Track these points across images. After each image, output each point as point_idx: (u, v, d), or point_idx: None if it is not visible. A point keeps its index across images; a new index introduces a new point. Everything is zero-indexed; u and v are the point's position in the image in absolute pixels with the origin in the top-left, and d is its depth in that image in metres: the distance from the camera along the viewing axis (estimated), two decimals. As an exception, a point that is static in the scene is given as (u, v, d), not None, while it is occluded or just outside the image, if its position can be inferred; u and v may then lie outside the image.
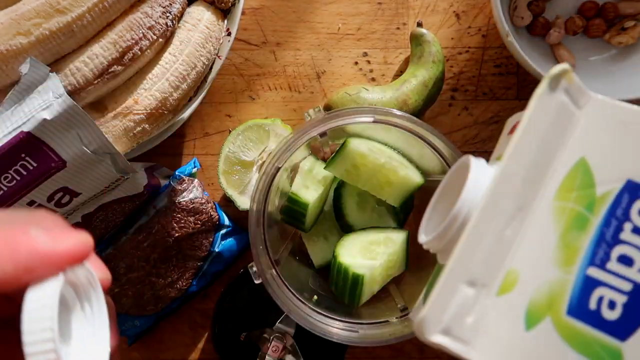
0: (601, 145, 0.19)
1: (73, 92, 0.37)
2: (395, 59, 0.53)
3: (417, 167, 0.44)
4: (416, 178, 0.43)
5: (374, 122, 0.40)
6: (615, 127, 0.18)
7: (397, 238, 0.43)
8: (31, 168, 0.33)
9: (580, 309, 0.17)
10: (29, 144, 0.32)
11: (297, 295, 0.40)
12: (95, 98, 0.39)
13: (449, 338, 0.18)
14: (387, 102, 0.47)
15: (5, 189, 0.32)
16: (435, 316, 0.18)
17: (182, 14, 0.42)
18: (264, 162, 0.49)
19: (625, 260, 0.17)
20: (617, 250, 0.17)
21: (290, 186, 0.44)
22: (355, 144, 0.41)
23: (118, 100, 0.39)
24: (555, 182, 0.19)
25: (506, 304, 0.18)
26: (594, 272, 0.17)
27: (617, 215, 0.18)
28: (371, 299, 0.42)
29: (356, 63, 0.53)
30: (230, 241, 0.49)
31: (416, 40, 0.49)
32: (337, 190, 0.46)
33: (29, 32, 0.34)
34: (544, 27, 0.50)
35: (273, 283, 0.40)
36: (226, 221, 0.49)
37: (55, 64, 0.37)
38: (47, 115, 0.32)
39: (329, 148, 0.47)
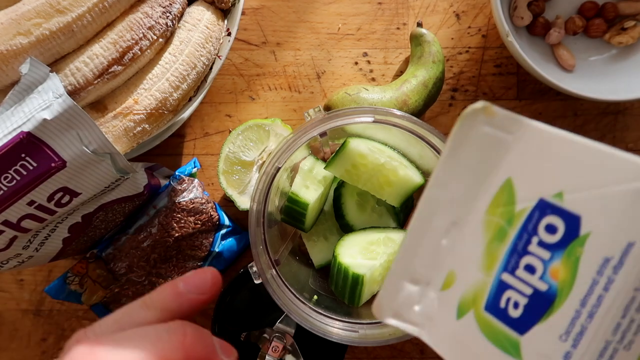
0: (526, 167, 0.21)
1: (73, 92, 0.37)
2: (395, 59, 0.53)
3: (417, 167, 0.44)
4: (416, 178, 0.43)
5: (374, 122, 0.40)
6: (539, 150, 0.21)
7: (397, 238, 0.43)
8: (31, 168, 0.33)
9: (493, 306, 0.21)
10: (29, 144, 0.32)
11: (297, 295, 0.40)
12: (95, 98, 0.39)
13: (400, 321, 0.23)
14: (387, 102, 0.47)
15: (5, 189, 0.32)
16: (386, 304, 0.24)
17: (182, 14, 0.42)
18: (264, 162, 0.49)
19: (530, 269, 0.20)
20: (525, 260, 0.20)
21: (290, 186, 0.44)
22: (355, 144, 0.41)
23: (118, 100, 0.39)
24: (487, 199, 0.22)
25: (446, 297, 0.23)
26: (506, 277, 0.21)
27: (528, 229, 0.20)
28: (371, 298, 0.42)
29: (356, 63, 0.53)
30: (230, 241, 0.49)
31: (416, 40, 0.49)
32: (337, 190, 0.46)
33: (29, 32, 0.35)
34: (544, 27, 0.50)
35: (273, 283, 0.40)
36: (226, 221, 0.49)
37: (56, 64, 0.37)
38: (47, 115, 0.32)
39: (329, 148, 0.47)
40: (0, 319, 0.52)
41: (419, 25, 0.50)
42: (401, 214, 0.47)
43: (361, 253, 0.41)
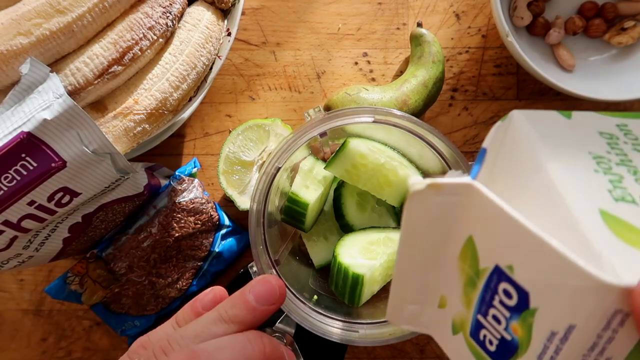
0: (483, 230, 0.22)
1: (73, 92, 0.37)
2: (395, 59, 0.53)
3: (417, 167, 0.44)
4: (416, 178, 0.42)
5: (374, 122, 0.40)
6: (490, 218, 0.21)
7: (397, 238, 0.43)
8: (31, 168, 0.33)
9: (475, 336, 0.23)
10: (29, 144, 0.32)
11: (297, 295, 0.40)
12: (95, 98, 0.39)
13: (411, 325, 0.27)
14: (387, 102, 0.47)
15: (5, 189, 0.32)
16: (396, 317, 0.27)
17: (182, 14, 0.42)
18: (264, 162, 0.49)
19: (496, 319, 0.22)
20: (492, 311, 0.22)
21: (290, 186, 0.44)
22: (355, 144, 0.41)
23: (118, 100, 0.39)
24: (456, 249, 0.23)
25: (442, 315, 0.25)
26: (480, 319, 0.23)
27: (490, 287, 0.22)
28: (371, 299, 0.42)
29: (356, 63, 0.53)
30: (230, 241, 0.49)
31: (416, 40, 0.49)
32: (337, 190, 0.46)
33: (30, 32, 0.35)
34: (544, 27, 0.50)
35: (273, 283, 0.40)
36: (226, 221, 0.49)
37: (56, 64, 0.37)
38: (48, 115, 0.32)
39: (329, 148, 0.47)
40: (0, 319, 0.52)
41: (419, 25, 0.50)
42: (401, 214, 0.47)
43: (361, 253, 0.41)
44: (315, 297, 0.43)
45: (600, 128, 0.25)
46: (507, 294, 0.21)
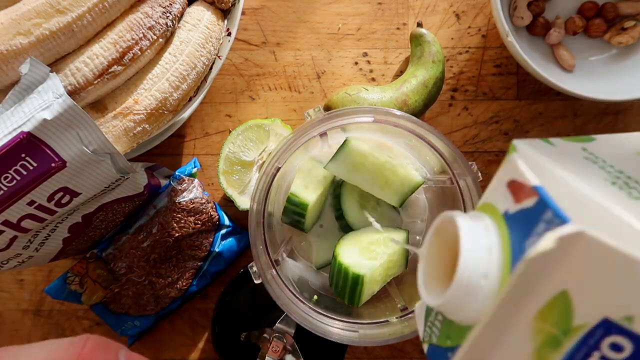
0: (586, 282, 0.20)
1: (73, 92, 0.37)
2: (395, 59, 0.53)
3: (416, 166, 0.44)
4: (416, 177, 0.43)
5: (374, 122, 0.40)
6: (598, 266, 0.19)
7: (397, 238, 0.43)
8: (31, 168, 0.33)
9: None
10: (29, 144, 0.32)
11: (297, 295, 0.40)
12: (95, 98, 0.39)
13: None
14: (387, 102, 0.47)
15: (5, 189, 0.32)
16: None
17: (182, 14, 0.42)
18: (264, 162, 0.49)
19: None
20: None
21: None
22: (355, 144, 0.41)
23: (118, 100, 0.39)
24: (535, 306, 0.21)
25: None
26: None
27: (589, 344, 0.19)
28: (371, 299, 0.42)
29: (356, 63, 0.53)
30: (230, 241, 0.49)
31: (416, 40, 0.49)
32: (337, 190, 0.46)
33: (29, 32, 0.35)
34: (544, 27, 0.50)
35: (273, 283, 0.40)
36: (226, 221, 0.49)
37: (56, 64, 0.37)
38: (47, 115, 0.32)
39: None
40: (0, 319, 0.52)
41: (419, 25, 0.50)
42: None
43: (361, 253, 0.42)
44: (315, 297, 0.43)
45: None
46: (617, 347, 0.19)
